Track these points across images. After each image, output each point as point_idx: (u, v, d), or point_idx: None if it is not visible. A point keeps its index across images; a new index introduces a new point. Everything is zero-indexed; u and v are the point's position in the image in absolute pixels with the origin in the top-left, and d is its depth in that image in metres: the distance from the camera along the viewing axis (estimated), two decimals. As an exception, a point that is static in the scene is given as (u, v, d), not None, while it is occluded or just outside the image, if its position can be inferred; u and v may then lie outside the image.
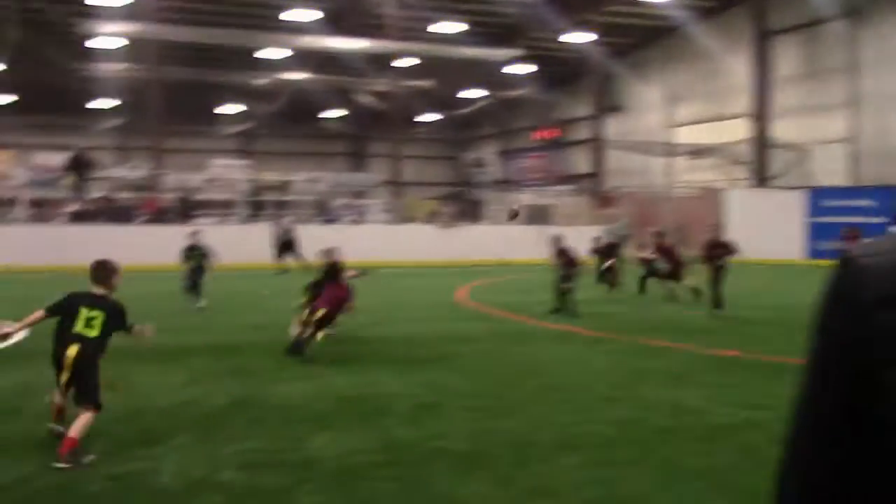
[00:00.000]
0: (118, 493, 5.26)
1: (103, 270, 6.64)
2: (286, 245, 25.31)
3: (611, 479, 5.60)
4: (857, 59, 31.93)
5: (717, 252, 14.76)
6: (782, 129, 34.29)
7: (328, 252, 11.11)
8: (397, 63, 38.66)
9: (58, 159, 30.96)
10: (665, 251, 17.91)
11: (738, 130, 35.78)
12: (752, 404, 7.79)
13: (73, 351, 6.15)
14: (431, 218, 33.51)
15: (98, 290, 6.50)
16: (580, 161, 45.58)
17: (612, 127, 42.72)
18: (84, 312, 6.29)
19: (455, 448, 6.33)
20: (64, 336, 6.25)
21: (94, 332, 6.26)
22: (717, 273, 14.63)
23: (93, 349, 6.26)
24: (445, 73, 41.82)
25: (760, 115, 34.49)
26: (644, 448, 6.40)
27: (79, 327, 6.25)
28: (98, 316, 6.31)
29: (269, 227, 26.63)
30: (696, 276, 16.83)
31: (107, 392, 6.37)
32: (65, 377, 6.19)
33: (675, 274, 17.49)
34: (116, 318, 6.44)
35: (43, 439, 6.41)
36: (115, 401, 7.82)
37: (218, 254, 16.22)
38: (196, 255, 15.63)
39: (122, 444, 6.33)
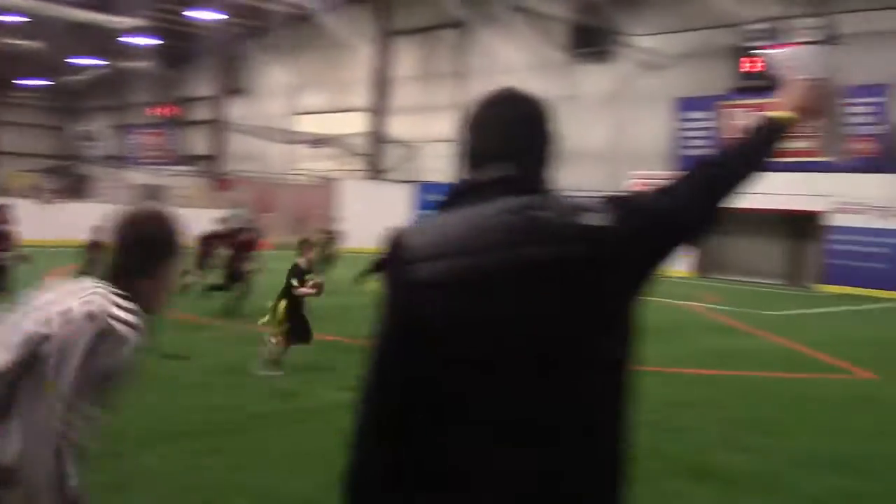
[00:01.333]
0: None
1: None
2: None
3: (196, 467, 5.60)
4: (464, 67, 34.87)
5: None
6: (398, 126, 36.43)
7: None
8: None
9: None
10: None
11: (357, 123, 37.32)
12: (346, 386, 8.18)
13: None
14: (31, 192, 30.70)
15: None
16: (200, 142, 44.55)
17: (236, 110, 42.31)
18: None
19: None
20: None
21: None
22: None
23: None
24: (55, 35, 38.47)
25: (378, 110, 36.31)
26: (235, 433, 6.49)
27: None
28: None
29: None
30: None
31: None
32: None
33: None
34: None
35: None
36: None
37: None
38: None
39: None
